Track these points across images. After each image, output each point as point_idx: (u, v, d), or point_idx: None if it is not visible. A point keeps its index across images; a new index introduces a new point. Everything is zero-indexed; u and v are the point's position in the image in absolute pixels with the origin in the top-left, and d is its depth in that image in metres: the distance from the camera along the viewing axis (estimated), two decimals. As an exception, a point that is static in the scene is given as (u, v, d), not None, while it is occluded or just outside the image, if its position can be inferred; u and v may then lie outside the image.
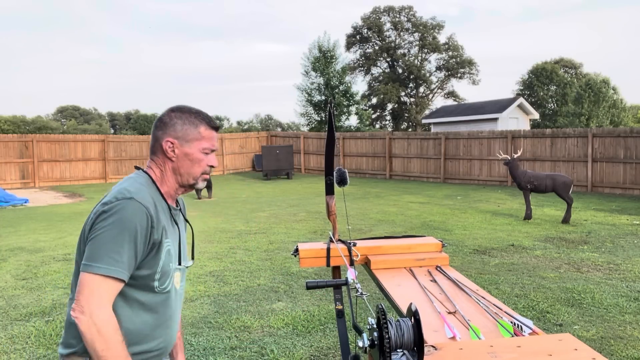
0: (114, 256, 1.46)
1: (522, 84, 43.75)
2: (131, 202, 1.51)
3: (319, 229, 9.18)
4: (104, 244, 1.47)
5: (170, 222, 1.67)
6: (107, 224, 1.48)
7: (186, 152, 1.66)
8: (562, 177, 9.82)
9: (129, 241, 1.48)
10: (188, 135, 1.66)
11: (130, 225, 1.48)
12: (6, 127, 43.34)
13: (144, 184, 1.62)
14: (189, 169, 1.68)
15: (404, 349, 1.37)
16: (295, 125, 48.87)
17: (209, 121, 1.71)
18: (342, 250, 2.51)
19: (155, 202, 1.59)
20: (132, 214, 1.49)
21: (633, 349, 3.95)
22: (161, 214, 1.60)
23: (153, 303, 1.60)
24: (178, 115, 1.68)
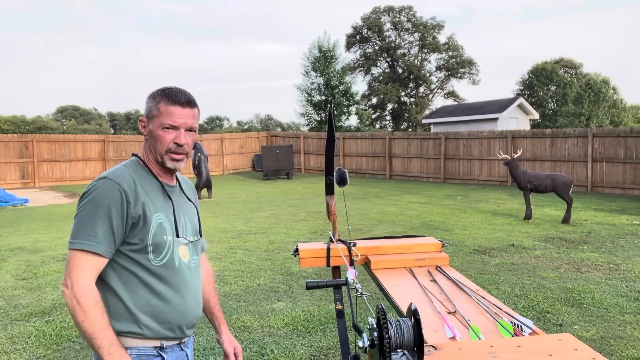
0: (89, 232, 1.54)
1: (522, 84, 43.75)
2: (103, 181, 1.59)
3: (319, 229, 9.18)
4: (80, 222, 1.57)
5: (163, 197, 1.70)
6: (83, 203, 1.59)
7: (150, 129, 1.70)
8: (562, 177, 9.82)
9: (102, 216, 1.55)
10: (150, 113, 1.70)
11: (102, 202, 1.56)
12: (6, 127, 43.34)
13: (127, 166, 1.69)
14: (154, 146, 1.70)
15: (404, 349, 1.37)
16: (295, 125, 48.88)
17: (170, 96, 1.68)
18: (342, 250, 2.51)
19: (135, 180, 1.64)
20: (104, 191, 1.57)
21: (633, 349, 3.95)
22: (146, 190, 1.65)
23: (154, 277, 1.64)
24: (151, 95, 1.72)
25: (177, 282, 1.69)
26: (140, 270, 1.63)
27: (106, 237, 1.56)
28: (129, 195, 1.59)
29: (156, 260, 1.64)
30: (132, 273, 1.62)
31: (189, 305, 1.72)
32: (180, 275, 1.70)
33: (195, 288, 1.77)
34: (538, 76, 42.20)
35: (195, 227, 1.84)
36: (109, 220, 1.56)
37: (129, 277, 1.62)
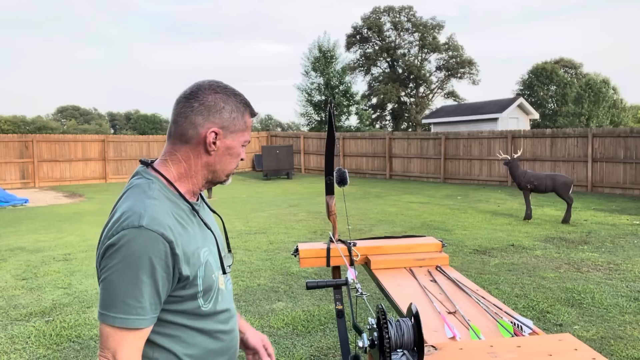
0: (130, 302, 1.21)
1: (522, 84, 43.75)
2: (141, 232, 1.22)
3: (319, 229, 9.18)
4: (116, 289, 1.22)
5: (198, 223, 1.39)
6: (115, 262, 1.22)
7: (229, 145, 1.38)
8: (562, 177, 9.82)
9: (144, 280, 1.22)
10: (235, 125, 1.38)
11: (142, 260, 1.21)
12: (6, 127, 43.35)
13: (157, 195, 1.31)
14: (226, 165, 1.40)
15: (404, 349, 1.37)
16: (295, 125, 48.85)
17: (252, 108, 1.44)
18: (342, 250, 2.51)
19: (174, 215, 1.31)
20: (144, 247, 1.21)
21: (633, 349, 3.95)
22: (184, 224, 1.33)
23: (208, 320, 1.39)
24: (224, 99, 1.37)
25: (224, 315, 1.45)
26: (190, 319, 1.35)
27: (152, 302, 1.24)
28: (174, 246, 1.25)
29: (205, 305, 1.36)
30: (181, 325, 1.34)
31: (236, 329, 1.52)
32: (224, 305, 1.45)
33: (234, 309, 1.54)
34: (538, 76, 42.20)
35: (224, 240, 1.55)
36: (154, 281, 1.23)
37: (180, 329, 1.34)
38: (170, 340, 1.32)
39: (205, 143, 1.34)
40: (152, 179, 1.34)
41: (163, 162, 1.38)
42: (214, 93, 1.36)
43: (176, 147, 1.36)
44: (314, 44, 28.87)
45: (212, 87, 1.37)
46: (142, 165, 1.38)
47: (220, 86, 1.38)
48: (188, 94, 1.36)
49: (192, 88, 1.38)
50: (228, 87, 1.40)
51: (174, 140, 1.36)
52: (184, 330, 1.34)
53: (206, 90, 1.36)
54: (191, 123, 1.34)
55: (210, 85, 1.38)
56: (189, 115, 1.34)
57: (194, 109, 1.34)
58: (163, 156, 1.39)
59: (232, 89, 1.40)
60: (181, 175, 1.37)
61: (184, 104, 1.35)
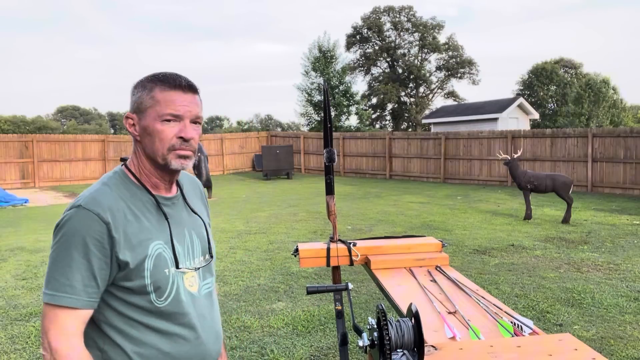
0: (62, 280, 1.20)
1: (522, 84, 43.72)
2: (78, 212, 1.23)
3: (319, 229, 9.18)
4: (50, 266, 1.24)
5: (159, 216, 1.35)
6: (55, 241, 1.25)
7: (144, 125, 1.33)
8: (562, 177, 9.82)
9: (77, 259, 1.21)
10: (142, 104, 1.33)
11: (75, 239, 1.21)
12: (6, 127, 43.31)
13: (110, 183, 1.33)
14: (152, 145, 1.33)
15: (404, 349, 1.37)
16: (295, 125, 48.87)
17: (168, 80, 1.33)
18: (341, 250, 2.51)
19: (125, 201, 1.30)
20: (79, 225, 1.22)
21: (633, 349, 3.95)
22: (138, 213, 1.31)
23: (162, 318, 1.32)
24: (136, 84, 1.36)
25: (189, 320, 1.37)
26: (142, 315, 1.30)
27: (86, 284, 1.22)
28: (112, 228, 1.24)
29: (159, 301, 1.31)
30: (132, 319, 1.30)
31: (207, 343, 1.41)
32: (192, 309, 1.38)
33: (212, 320, 1.45)
34: (538, 76, 42.18)
35: (205, 245, 1.48)
36: (87, 262, 1.22)
37: (131, 323, 1.30)
38: (120, 334, 1.29)
39: (129, 131, 1.37)
40: (116, 170, 1.38)
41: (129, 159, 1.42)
42: (136, 82, 1.38)
43: (134, 143, 1.41)
44: (314, 44, 28.86)
45: (140, 79, 1.39)
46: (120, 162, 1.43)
47: (148, 75, 1.38)
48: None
49: None
50: (154, 73, 1.38)
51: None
52: (135, 326, 1.30)
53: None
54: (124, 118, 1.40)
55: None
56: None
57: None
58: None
59: (155, 73, 1.38)
60: (138, 166, 1.38)
61: None
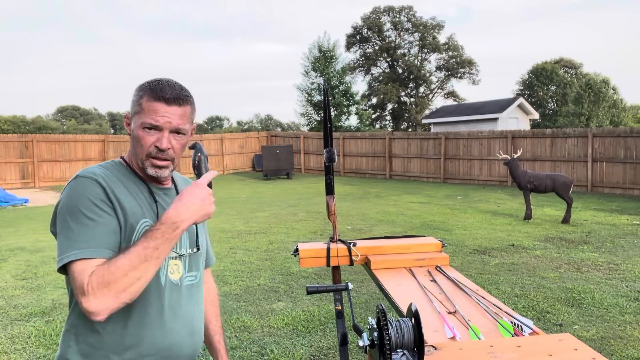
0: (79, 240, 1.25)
1: (522, 84, 43.74)
2: (76, 181, 1.34)
3: (319, 229, 9.18)
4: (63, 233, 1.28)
5: (150, 201, 1.43)
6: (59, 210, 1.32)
7: (132, 127, 1.42)
8: (562, 177, 9.82)
9: (89, 218, 1.27)
10: (133, 110, 1.43)
11: (81, 201, 1.29)
12: (6, 127, 43.30)
13: (108, 165, 1.45)
14: (135, 149, 1.43)
15: (404, 349, 1.37)
16: (295, 125, 48.88)
17: (155, 90, 1.39)
18: (341, 250, 2.51)
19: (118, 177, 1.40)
20: (80, 189, 1.31)
21: (633, 349, 3.95)
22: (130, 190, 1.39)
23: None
24: (136, 87, 1.46)
25: (161, 305, 1.38)
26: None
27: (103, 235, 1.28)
28: (108, 192, 1.33)
29: None
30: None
31: (176, 335, 1.41)
32: (166, 296, 1.39)
33: (188, 313, 1.45)
34: (538, 76, 42.19)
35: (193, 237, 1.52)
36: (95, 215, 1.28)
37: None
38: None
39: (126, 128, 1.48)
40: (114, 160, 1.48)
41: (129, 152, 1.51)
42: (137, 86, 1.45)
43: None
44: (314, 44, 28.87)
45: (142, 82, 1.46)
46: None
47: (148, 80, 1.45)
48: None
49: None
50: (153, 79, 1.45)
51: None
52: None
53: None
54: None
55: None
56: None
57: None
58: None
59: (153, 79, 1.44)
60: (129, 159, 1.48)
61: None
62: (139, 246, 1.23)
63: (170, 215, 1.26)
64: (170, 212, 1.27)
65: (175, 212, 1.27)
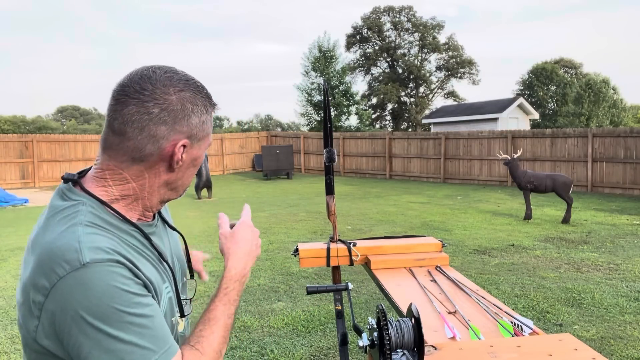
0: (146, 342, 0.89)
1: (522, 84, 43.74)
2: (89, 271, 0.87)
3: (319, 229, 9.18)
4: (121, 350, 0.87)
5: (153, 253, 1.04)
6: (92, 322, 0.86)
7: (194, 155, 1.04)
8: (562, 177, 9.82)
9: (135, 312, 0.89)
10: (204, 131, 1.04)
11: (115, 295, 0.88)
12: (6, 127, 43.32)
13: (91, 219, 0.94)
14: (188, 179, 1.08)
15: (404, 349, 1.37)
16: (295, 125, 48.86)
17: (212, 101, 1.09)
18: (341, 250, 2.51)
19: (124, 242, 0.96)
20: (104, 283, 0.87)
21: (633, 349, 3.95)
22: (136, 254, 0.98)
23: None
24: (191, 98, 1.01)
25: None
26: None
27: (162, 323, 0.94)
28: (133, 269, 0.93)
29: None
30: None
31: None
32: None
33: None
34: (538, 76, 42.20)
35: (184, 264, 1.23)
36: (148, 307, 0.92)
37: None
38: None
39: (171, 160, 1.00)
40: (80, 200, 0.97)
41: (99, 180, 1.00)
42: (178, 91, 0.99)
43: (123, 165, 0.99)
44: (314, 44, 28.88)
45: (171, 81, 0.99)
46: (65, 184, 1.01)
47: (180, 78, 1.02)
48: (138, 90, 0.97)
49: (140, 81, 0.98)
50: (189, 78, 1.04)
51: (121, 156, 0.99)
52: None
53: (165, 86, 0.98)
54: (151, 136, 0.97)
55: (167, 77, 1.00)
56: (147, 125, 0.96)
57: (154, 117, 0.96)
58: (99, 172, 1.01)
59: (193, 78, 1.06)
60: (126, 197, 1.01)
61: (137, 107, 0.96)
62: (221, 315, 1.04)
63: (238, 270, 1.12)
64: (236, 264, 1.12)
65: (241, 265, 1.13)
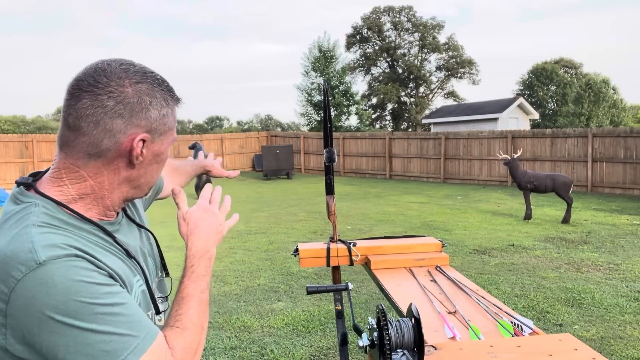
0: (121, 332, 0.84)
1: (522, 84, 43.76)
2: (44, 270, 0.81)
3: (319, 229, 9.18)
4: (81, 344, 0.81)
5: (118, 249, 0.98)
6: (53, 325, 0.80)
7: (157, 150, 0.99)
8: (562, 177, 9.82)
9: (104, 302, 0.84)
10: (165, 125, 0.99)
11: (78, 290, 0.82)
12: (6, 127, 43.33)
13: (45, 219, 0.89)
14: (153, 176, 1.02)
15: (404, 349, 1.37)
16: (295, 125, 48.87)
17: (174, 94, 1.03)
18: (341, 250, 2.51)
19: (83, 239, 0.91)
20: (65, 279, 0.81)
21: (633, 349, 3.96)
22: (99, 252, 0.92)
23: None
24: (149, 90, 0.96)
25: None
26: None
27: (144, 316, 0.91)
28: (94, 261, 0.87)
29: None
30: None
31: None
32: None
33: None
34: (538, 76, 42.21)
35: (158, 260, 1.18)
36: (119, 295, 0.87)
37: None
38: None
39: (130, 155, 0.95)
40: (32, 202, 0.92)
41: (55, 180, 0.96)
42: (134, 83, 0.94)
43: (80, 163, 0.95)
44: (314, 44, 28.87)
45: (127, 73, 0.94)
46: (18, 187, 0.96)
47: (137, 70, 0.97)
48: (92, 84, 0.92)
49: (94, 74, 0.93)
50: (147, 70, 0.99)
51: (77, 153, 0.94)
52: None
53: (121, 78, 0.94)
54: (107, 131, 0.92)
55: (122, 69, 0.95)
56: (102, 119, 0.91)
57: (109, 110, 0.91)
58: (56, 172, 0.97)
59: (152, 71, 1.00)
60: (85, 196, 0.96)
61: (90, 100, 0.91)
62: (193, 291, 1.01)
63: (198, 247, 1.07)
64: (195, 242, 1.07)
65: (201, 243, 1.08)
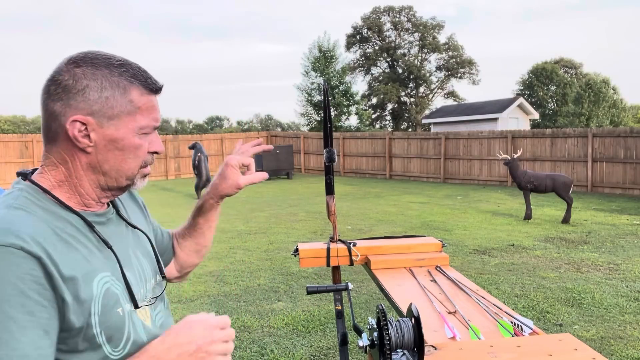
0: (6, 351, 0.83)
1: (522, 84, 43.76)
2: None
3: (319, 229, 9.18)
4: None
5: (96, 241, 1.00)
6: None
7: (111, 136, 1.00)
8: (562, 177, 9.82)
9: (17, 316, 0.84)
10: (113, 108, 0.99)
11: (6, 290, 0.84)
12: (6, 127, 43.37)
13: (23, 203, 0.95)
14: (119, 163, 1.03)
15: (404, 349, 1.37)
16: (295, 125, 48.88)
17: (146, 80, 1.04)
18: (341, 250, 2.51)
19: (51, 227, 0.94)
20: (4, 271, 0.84)
21: (633, 349, 3.96)
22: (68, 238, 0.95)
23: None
24: (89, 73, 0.98)
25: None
26: None
27: (39, 346, 0.86)
28: (46, 263, 0.88)
29: (116, 352, 0.97)
30: None
31: None
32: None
33: None
34: (538, 76, 42.21)
35: (155, 264, 1.18)
36: (31, 316, 0.85)
37: None
38: None
39: (71, 138, 0.98)
40: (22, 188, 0.99)
41: (40, 169, 1.03)
42: (75, 67, 0.98)
43: (47, 148, 1.02)
44: (314, 44, 28.90)
45: (73, 61, 1.00)
46: (17, 178, 1.04)
47: (86, 57, 1.00)
48: (51, 73, 1.02)
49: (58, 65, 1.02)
50: (100, 56, 1.01)
51: (44, 140, 1.02)
52: None
53: (66, 63, 1.00)
54: (50, 114, 0.99)
55: (72, 58, 1.00)
56: (47, 103, 0.99)
57: (51, 94, 0.99)
58: (42, 162, 1.04)
59: (109, 57, 1.01)
60: (61, 182, 1.01)
61: (43, 90, 1.01)
62: None
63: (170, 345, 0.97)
64: (162, 350, 0.96)
65: (163, 347, 0.97)
